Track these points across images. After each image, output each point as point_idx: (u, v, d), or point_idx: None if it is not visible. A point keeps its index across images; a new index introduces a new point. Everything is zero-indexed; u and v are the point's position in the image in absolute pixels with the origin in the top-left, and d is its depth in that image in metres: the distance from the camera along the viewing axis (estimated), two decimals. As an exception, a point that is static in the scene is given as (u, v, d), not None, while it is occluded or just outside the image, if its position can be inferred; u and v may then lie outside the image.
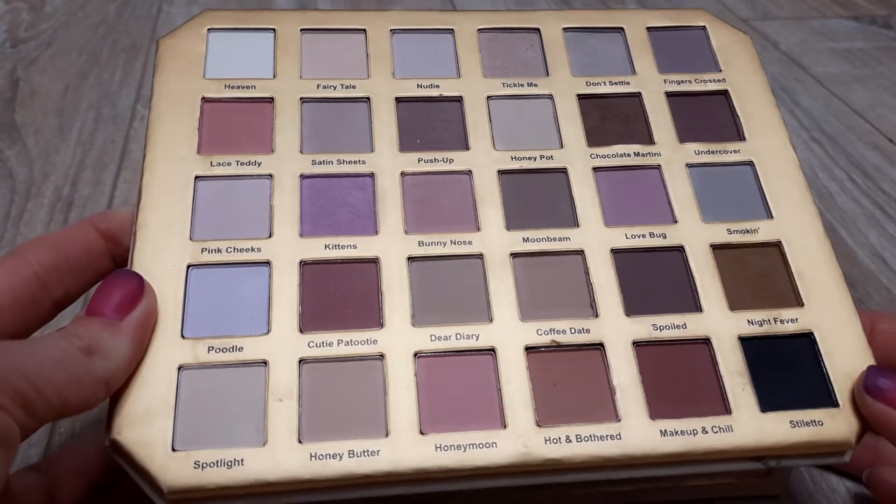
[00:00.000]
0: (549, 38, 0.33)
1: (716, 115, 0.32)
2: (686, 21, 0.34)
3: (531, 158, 0.30)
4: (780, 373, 0.26)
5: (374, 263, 0.27)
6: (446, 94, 0.31)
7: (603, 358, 0.26)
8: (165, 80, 0.30)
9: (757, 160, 0.30)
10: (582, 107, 0.31)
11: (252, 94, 0.30)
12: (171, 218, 0.27)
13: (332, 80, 0.31)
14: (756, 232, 0.28)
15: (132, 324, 0.23)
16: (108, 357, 0.22)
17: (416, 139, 0.30)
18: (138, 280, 0.24)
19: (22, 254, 0.25)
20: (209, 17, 0.32)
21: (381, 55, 0.32)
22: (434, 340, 0.25)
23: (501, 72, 0.32)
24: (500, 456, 0.24)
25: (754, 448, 0.24)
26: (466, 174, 0.29)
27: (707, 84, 0.32)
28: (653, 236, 0.28)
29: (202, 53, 0.31)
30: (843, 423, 0.25)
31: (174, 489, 0.22)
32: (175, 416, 0.23)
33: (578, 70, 0.32)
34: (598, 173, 0.29)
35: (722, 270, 0.27)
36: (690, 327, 0.26)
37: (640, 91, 0.32)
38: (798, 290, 0.27)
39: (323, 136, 0.29)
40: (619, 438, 0.24)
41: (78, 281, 0.26)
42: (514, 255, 0.27)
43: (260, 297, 0.26)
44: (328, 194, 0.28)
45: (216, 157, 0.28)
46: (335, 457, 0.23)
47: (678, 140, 0.30)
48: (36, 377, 0.20)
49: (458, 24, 0.33)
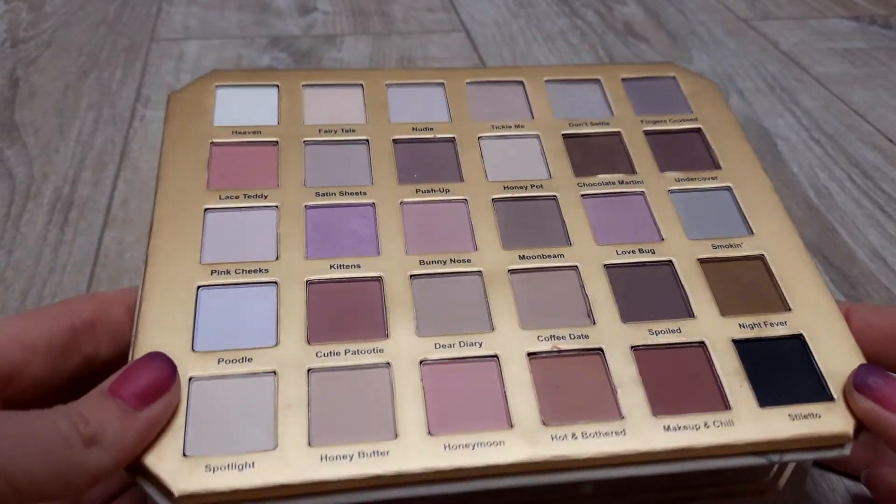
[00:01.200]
0: (531, 89, 0.36)
1: (692, 148, 0.34)
2: (657, 73, 0.37)
3: (522, 188, 0.31)
4: (775, 371, 0.27)
5: (378, 281, 0.28)
6: (440, 135, 0.33)
7: (603, 361, 0.26)
8: (176, 126, 0.32)
9: (734, 185, 0.32)
10: (567, 144, 0.33)
11: (258, 139, 0.32)
12: (182, 244, 0.28)
13: (333, 126, 0.33)
14: (739, 247, 0.30)
15: (147, 418, 0.22)
16: (109, 449, 0.21)
17: (413, 174, 0.32)
18: (170, 371, 0.23)
19: (66, 303, 0.26)
20: (216, 76, 0.34)
21: (378, 104, 0.34)
22: (438, 349, 0.26)
23: (490, 116, 0.34)
24: (508, 454, 0.24)
25: (755, 442, 0.25)
26: (462, 202, 0.31)
27: (681, 123, 0.35)
28: (642, 252, 0.29)
29: (211, 105, 0.33)
30: (841, 415, 0.25)
31: (186, 494, 0.22)
32: (186, 423, 0.23)
33: (561, 114, 0.35)
34: (586, 199, 0.31)
35: (710, 281, 0.29)
36: (685, 332, 0.27)
37: (619, 130, 0.34)
38: (784, 297, 0.28)
39: (325, 173, 0.31)
40: (624, 434, 0.24)
41: (113, 342, 0.26)
42: (512, 272, 0.28)
43: (268, 314, 0.26)
44: (332, 221, 0.29)
45: (224, 192, 0.30)
46: (345, 458, 0.23)
47: (658, 170, 0.33)
48: (15, 470, 0.19)
49: (448, 79, 0.36)
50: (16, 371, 0.24)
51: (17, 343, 0.24)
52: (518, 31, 0.62)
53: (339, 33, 0.62)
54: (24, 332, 0.24)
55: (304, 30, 0.62)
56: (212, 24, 0.61)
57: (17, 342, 0.24)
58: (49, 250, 0.40)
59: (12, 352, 0.24)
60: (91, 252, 0.40)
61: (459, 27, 0.62)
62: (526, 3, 0.66)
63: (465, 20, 0.62)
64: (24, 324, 0.25)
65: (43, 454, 0.20)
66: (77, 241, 0.40)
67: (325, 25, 0.62)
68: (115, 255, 0.40)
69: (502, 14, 0.64)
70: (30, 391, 0.25)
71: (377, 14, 0.64)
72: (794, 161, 0.49)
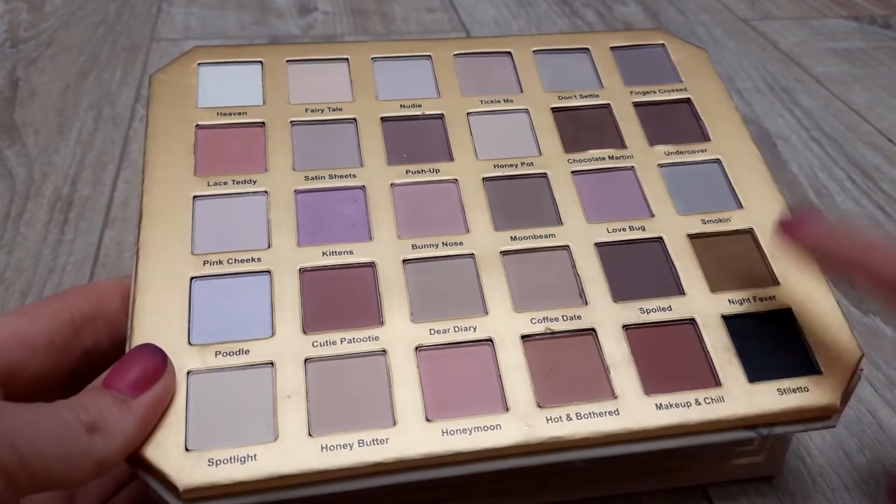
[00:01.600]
0: (520, 59, 0.35)
1: (681, 120, 0.34)
2: (646, 40, 0.37)
3: (513, 166, 0.31)
4: (764, 346, 0.27)
5: (371, 267, 0.28)
6: (428, 112, 0.33)
7: (595, 341, 0.27)
8: (159, 110, 0.31)
9: (723, 158, 0.32)
10: (556, 119, 0.33)
11: (244, 120, 0.31)
12: (172, 235, 0.28)
13: (319, 105, 0.32)
14: (728, 221, 0.30)
15: (144, 404, 0.23)
16: (111, 437, 0.21)
17: (402, 153, 0.31)
18: (161, 359, 0.24)
19: (65, 298, 0.25)
20: (199, 52, 0.34)
21: (364, 80, 0.34)
22: (433, 334, 0.26)
23: (478, 90, 0.34)
24: (504, 437, 0.24)
25: (746, 417, 0.26)
26: (453, 182, 0.30)
27: (670, 94, 0.35)
28: (632, 230, 0.30)
29: (194, 86, 0.32)
30: (828, 388, 0.26)
31: (190, 487, 0.23)
32: (186, 418, 0.24)
33: (550, 86, 0.34)
34: (576, 176, 0.31)
35: (700, 257, 0.29)
36: (675, 309, 0.28)
37: (609, 102, 0.34)
38: (773, 271, 0.29)
39: (314, 155, 0.31)
40: (617, 414, 0.25)
41: (112, 334, 0.26)
42: (504, 253, 0.29)
43: (262, 304, 0.26)
44: (322, 207, 0.29)
45: (212, 178, 0.29)
46: (346, 447, 0.24)
47: (648, 143, 0.32)
48: (28, 452, 0.19)
49: (435, 51, 0.35)
50: (16, 369, 0.24)
51: (17, 341, 0.24)
52: (518, 31, 0.62)
53: (339, 33, 0.61)
54: (23, 329, 0.24)
55: (304, 30, 0.61)
56: (212, 24, 0.61)
57: (17, 340, 0.24)
58: (49, 250, 0.39)
59: (12, 350, 0.24)
60: (91, 252, 0.40)
61: (459, 27, 0.61)
62: (526, 3, 0.66)
63: (465, 20, 0.61)
64: (22, 321, 0.24)
65: (53, 439, 0.20)
66: (77, 241, 0.40)
67: (325, 25, 0.62)
68: (114, 255, 0.39)
69: (502, 14, 0.64)
70: (30, 387, 0.25)
71: (377, 14, 0.63)
72: (793, 161, 0.49)
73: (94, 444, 0.21)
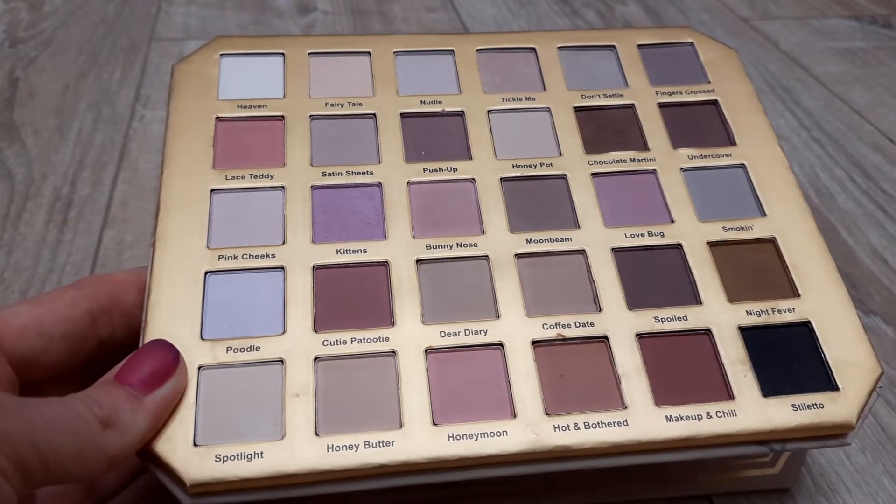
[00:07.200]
0: (544, 56, 0.35)
1: (707, 123, 0.33)
2: (674, 38, 0.36)
3: (532, 166, 0.31)
4: (780, 360, 0.27)
5: (385, 266, 0.28)
6: (448, 109, 0.32)
7: (608, 349, 0.26)
8: (180, 101, 0.31)
9: (748, 163, 0.31)
10: (578, 118, 0.33)
11: (263, 113, 0.31)
12: (189, 228, 0.28)
13: (340, 99, 0.32)
14: (751, 229, 0.30)
15: (156, 401, 0.23)
16: (124, 432, 0.22)
17: (420, 151, 0.31)
18: (173, 356, 0.24)
19: (82, 287, 0.26)
20: (221, 43, 0.34)
21: (386, 75, 0.33)
22: (444, 336, 0.26)
23: (500, 88, 0.34)
24: (510, 444, 0.24)
25: (758, 432, 0.25)
26: (470, 182, 0.30)
27: (697, 95, 0.34)
28: (651, 235, 0.29)
29: (215, 77, 0.32)
30: (844, 405, 0.26)
31: (197, 482, 0.23)
32: (196, 412, 0.24)
33: (573, 84, 0.34)
34: (596, 178, 0.31)
35: (719, 265, 0.29)
36: (691, 319, 0.27)
37: (633, 102, 0.33)
38: (794, 282, 0.28)
39: (332, 150, 0.31)
40: (626, 425, 0.25)
41: (128, 326, 0.26)
42: (519, 256, 0.28)
43: (275, 300, 0.27)
44: (338, 203, 0.29)
45: (230, 172, 0.29)
46: (351, 448, 0.24)
47: (672, 146, 0.32)
48: (44, 445, 0.20)
49: (458, 46, 0.35)
50: (33, 358, 0.24)
51: (35, 331, 0.24)
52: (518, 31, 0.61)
53: (339, 33, 0.61)
54: (42, 319, 0.24)
55: (305, 29, 0.61)
56: (211, 23, 0.61)
57: (35, 330, 0.24)
58: (48, 250, 0.40)
59: (31, 339, 0.24)
60: (90, 252, 0.40)
61: (459, 27, 0.61)
62: (526, 3, 0.65)
63: (465, 20, 0.61)
64: (42, 310, 0.25)
65: (68, 433, 0.20)
66: (76, 242, 0.40)
67: (325, 25, 0.61)
68: (114, 255, 0.40)
69: (502, 14, 0.63)
70: (45, 376, 0.25)
71: (377, 14, 0.63)
72: (794, 161, 0.48)
73: (108, 439, 0.21)
